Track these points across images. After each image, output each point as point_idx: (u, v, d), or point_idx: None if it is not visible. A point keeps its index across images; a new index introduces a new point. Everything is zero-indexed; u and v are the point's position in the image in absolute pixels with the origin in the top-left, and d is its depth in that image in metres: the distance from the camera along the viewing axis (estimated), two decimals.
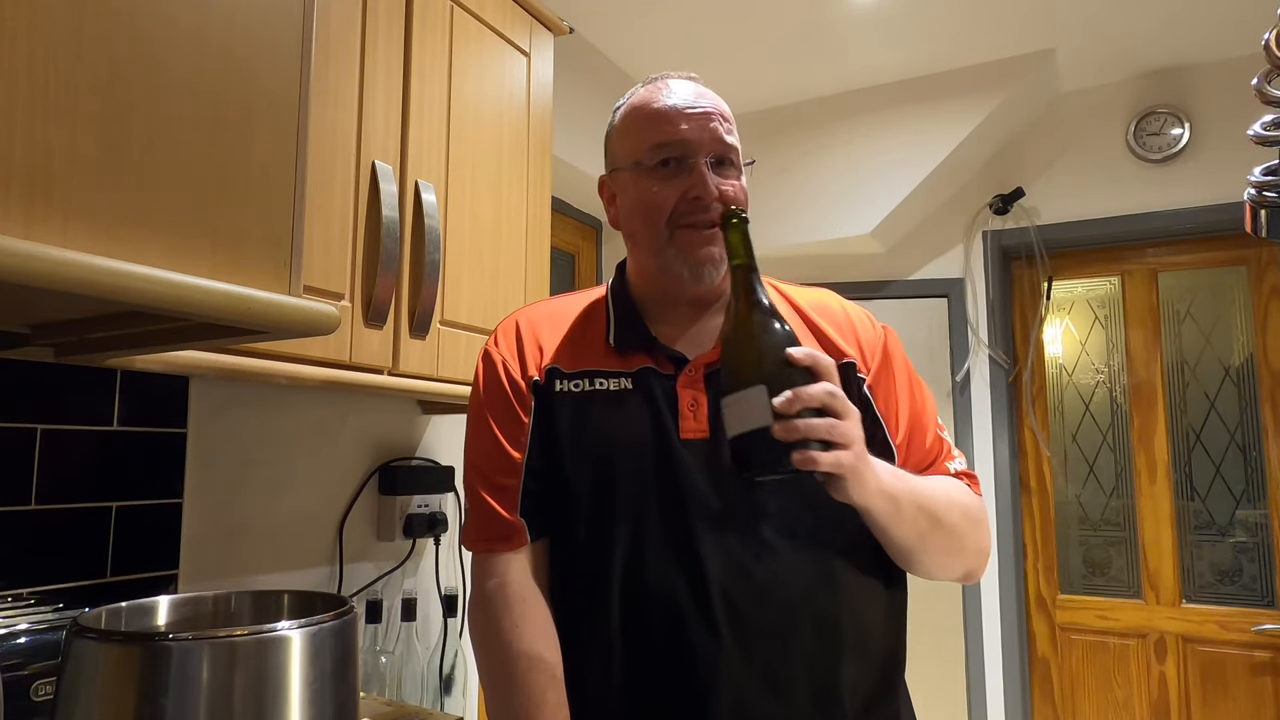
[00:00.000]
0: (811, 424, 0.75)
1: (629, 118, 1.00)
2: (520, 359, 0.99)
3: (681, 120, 0.95)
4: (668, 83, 0.99)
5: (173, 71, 0.69)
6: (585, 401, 0.94)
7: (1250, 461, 2.56)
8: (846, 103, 2.88)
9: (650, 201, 0.95)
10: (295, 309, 0.78)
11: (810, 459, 0.75)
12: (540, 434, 0.96)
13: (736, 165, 0.97)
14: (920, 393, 1.02)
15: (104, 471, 1.14)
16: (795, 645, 0.87)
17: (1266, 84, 0.77)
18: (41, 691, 0.86)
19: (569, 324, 1.01)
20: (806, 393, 0.76)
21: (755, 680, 0.85)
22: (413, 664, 1.47)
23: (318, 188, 1.09)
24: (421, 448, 1.68)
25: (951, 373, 2.86)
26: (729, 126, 0.97)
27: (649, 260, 0.99)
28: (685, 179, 0.94)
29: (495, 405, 0.99)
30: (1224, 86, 2.56)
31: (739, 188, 0.96)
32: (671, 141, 0.94)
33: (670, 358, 0.95)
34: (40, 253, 0.58)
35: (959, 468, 1.02)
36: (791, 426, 0.75)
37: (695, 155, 0.94)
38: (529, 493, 0.95)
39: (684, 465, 0.90)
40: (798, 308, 1.03)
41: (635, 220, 0.98)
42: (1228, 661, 2.50)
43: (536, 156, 1.54)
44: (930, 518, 0.90)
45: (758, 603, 0.86)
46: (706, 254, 0.94)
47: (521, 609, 0.91)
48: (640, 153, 0.97)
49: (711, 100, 0.98)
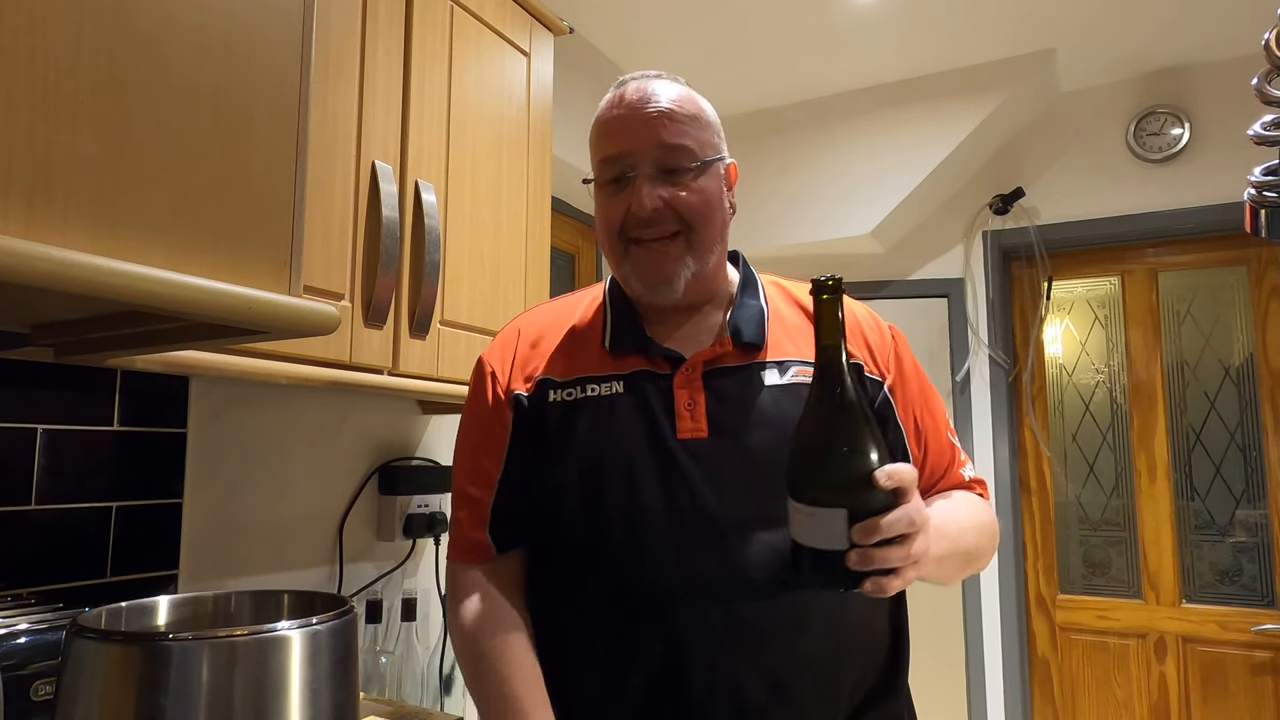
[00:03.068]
0: (889, 555, 0.72)
1: (592, 130, 0.99)
2: (509, 371, 0.98)
3: (623, 131, 0.92)
4: (624, 89, 0.95)
5: (173, 71, 0.69)
6: (576, 409, 0.93)
7: (1250, 461, 2.56)
8: (846, 103, 2.88)
9: (602, 219, 0.96)
10: (295, 309, 0.78)
11: (881, 587, 0.73)
12: (526, 446, 0.95)
13: (689, 167, 0.92)
14: (934, 398, 1.02)
15: (104, 471, 1.14)
16: (798, 645, 0.86)
17: (1266, 84, 0.77)
18: (41, 691, 0.85)
19: (567, 329, 1.00)
20: (890, 524, 0.72)
21: (757, 681, 0.84)
22: (413, 664, 1.47)
23: (318, 188, 1.09)
24: (421, 448, 1.68)
25: (951, 373, 2.86)
26: (679, 126, 0.91)
27: (616, 274, 0.99)
28: (629, 193, 0.92)
29: (476, 417, 0.99)
30: (1224, 86, 2.56)
31: (693, 191, 0.92)
32: (611, 156, 0.93)
33: (666, 357, 0.94)
34: (40, 253, 0.58)
35: (971, 475, 1.02)
36: (868, 557, 0.72)
37: (637, 166, 0.91)
38: (502, 505, 0.95)
39: (681, 465, 0.88)
40: (800, 304, 1.02)
41: (600, 236, 0.98)
42: (1228, 661, 2.50)
43: (536, 156, 1.54)
44: (965, 557, 0.90)
45: (759, 603, 0.86)
46: (659, 273, 0.92)
47: (491, 613, 0.92)
48: (594, 168, 0.97)
49: (665, 99, 0.92)
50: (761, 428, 0.90)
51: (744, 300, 0.99)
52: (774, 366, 0.94)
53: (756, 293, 1.01)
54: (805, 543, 0.75)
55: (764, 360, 0.94)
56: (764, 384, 0.92)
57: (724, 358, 0.94)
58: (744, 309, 0.98)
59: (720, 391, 0.92)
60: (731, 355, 0.94)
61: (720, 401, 0.91)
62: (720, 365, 0.93)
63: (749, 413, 0.91)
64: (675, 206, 0.91)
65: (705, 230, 0.93)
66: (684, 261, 0.93)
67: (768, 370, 0.93)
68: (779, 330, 0.97)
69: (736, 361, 0.94)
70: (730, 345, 0.94)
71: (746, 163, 2.99)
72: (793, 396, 0.91)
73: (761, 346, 0.95)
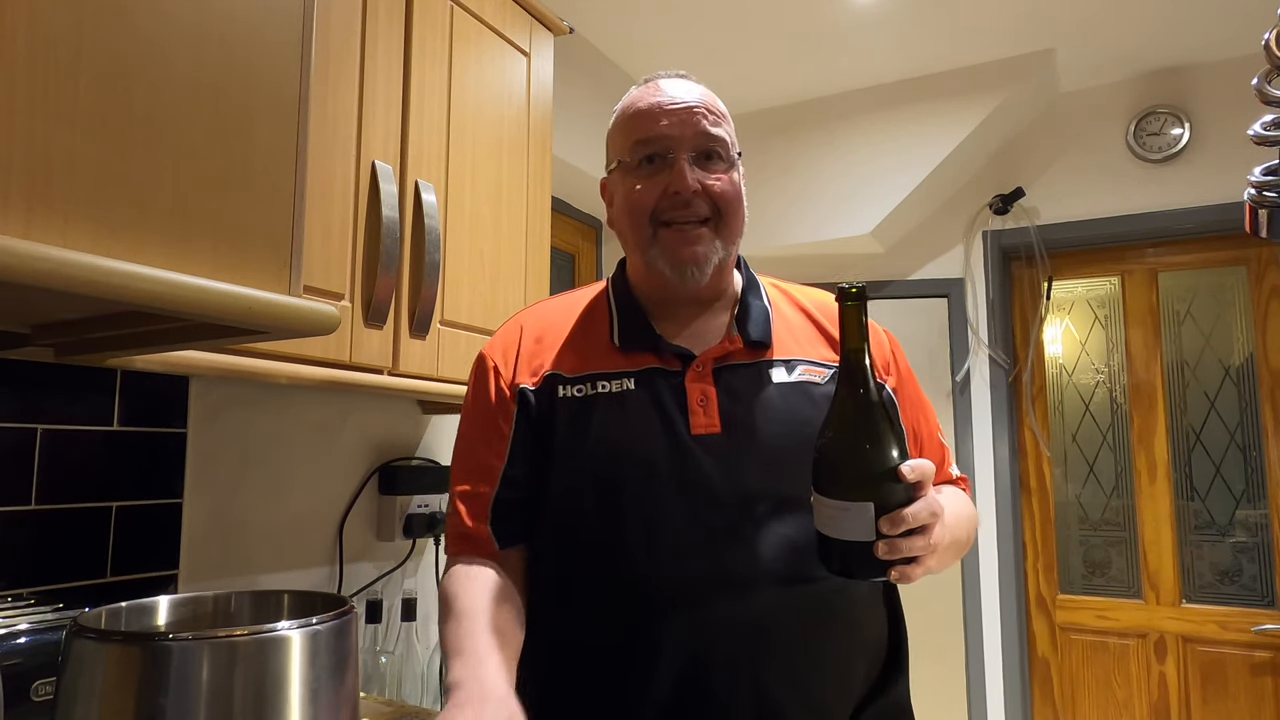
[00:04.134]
0: (913, 544, 0.76)
1: (619, 119, 1.00)
2: (514, 366, 0.98)
3: (663, 116, 0.94)
4: (657, 83, 0.99)
5: (173, 71, 0.69)
6: (588, 405, 0.93)
7: (1250, 461, 2.56)
8: (846, 103, 2.88)
9: (633, 199, 0.95)
10: (295, 309, 0.78)
11: (906, 575, 0.77)
12: (531, 443, 0.95)
13: (725, 158, 0.96)
14: (926, 400, 1.05)
15: (104, 471, 1.14)
16: (815, 639, 0.87)
17: (1266, 84, 0.77)
18: (41, 691, 0.85)
19: (572, 325, 1.00)
20: (914, 515, 0.76)
21: (779, 677, 0.85)
22: (413, 664, 1.47)
23: (318, 188, 1.09)
24: (421, 448, 1.68)
25: (951, 373, 2.86)
26: (715, 119, 0.96)
27: (637, 259, 0.99)
28: (667, 175, 0.93)
29: (478, 412, 0.98)
30: (1224, 86, 2.56)
31: (727, 181, 0.95)
32: (651, 138, 0.94)
33: (676, 354, 0.95)
34: (40, 253, 0.58)
35: (956, 473, 1.06)
36: (895, 547, 0.75)
37: (676, 151, 0.93)
38: (505, 502, 0.94)
39: (698, 461, 0.89)
40: (802, 307, 1.03)
41: (622, 219, 0.98)
42: (1228, 661, 2.50)
43: (536, 156, 1.54)
44: (958, 546, 0.93)
45: (776, 596, 0.86)
46: (690, 254, 0.93)
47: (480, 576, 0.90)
48: (625, 152, 0.97)
49: (699, 94, 0.97)
50: (773, 423, 0.91)
51: (749, 300, 1.01)
52: (781, 365, 0.95)
53: (760, 294, 1.03)
54: (834, 536, 0.78)
55: (772, 359, 0.96)
56: (772, 381, 0.94)
57: (733, 355, 0.95)
58: (750, 309, 1.00)
59: (731, 388, 0.93)
60: (740, 353, 0.95)
61: (732, 398, 0.92)
62: (730, 362, 0.95)
63: (760, 409, 0.92)
64: (710, 193, 0.93)
65: (734, 220, 0.96)
66: (713, 246, 0.95)
67: (775, 368, 0.95)
68: (783, 330, 0.99)
69: (745, 359, 0.95)
70: (740, 343, 0.96)
71: (747, 162, 2.98)
72: (800, 394, 0.93)
73: (769, 345, 0.97)
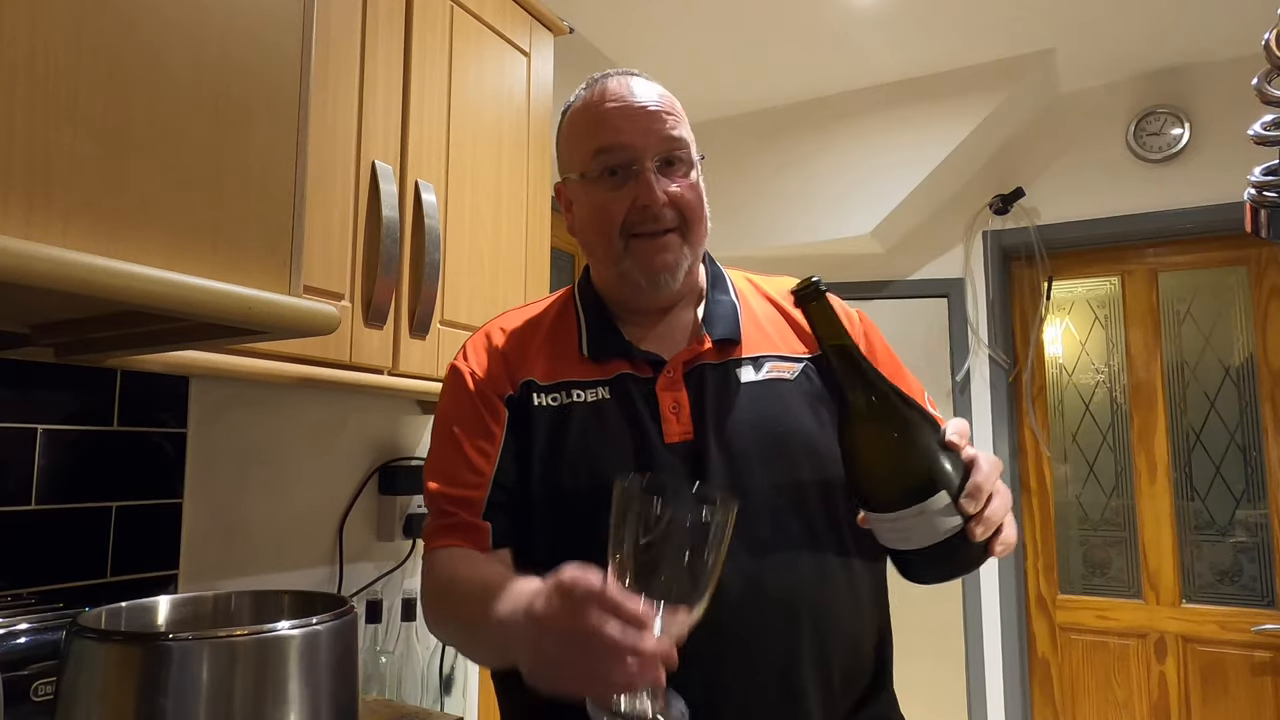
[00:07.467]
0: (995, 509, 0.72)
1: (572, 124, 0.97)
2: (491, 373, 0.96)
3: (623, 122, 0.91)
4: (606, 84, 0.95)
5: (173, 71, 0.69)
6: (564, 414, 0.92)
7: (1250, 461, 2.56)
8: (846, 103, 2.88)
9: (601, 213, 0.93)
10: (295, 309, 0.78)
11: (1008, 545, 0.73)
12: (514, 448, 0.93)
13: (686, 160, 0.93)
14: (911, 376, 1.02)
15: (104, 471, 1.14)
16: (799, 643, 0.86)
17: (1266, 84, 0.76)
18: (41, 691, 0.85)
19: (542, 332, 0.99)
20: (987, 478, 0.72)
21: (766, 680, 0.84)
22: (413, 664, 1.47)
23: (318, 188, 1.09)
24: (421, 448, 1.68)
25: (951, 373, 2.86)
26: (674, 120, 0.93)
27: (607, 270, 0.97)
28: (633, 187, 0.91)
29: (464, 418, 0.95)
30: (1224, 86, 2.56)
31: (689, 186, 0.93)
32: (612, 146, 0.91)
33: (647, 360, 0.94)
34: (40, 253, 0.58)
35: None
36: (987, 520, 0.72)
37: (640, 160, 0.91)
38: (495, 504, 0.92)
39: (672, 470, 0.88)
40: (771, 298, 1.02)
41: (589, 231, 0.96)
42: (1228, 661, 2.50)
43: (536, 156, 1.54)
44: None
45: (753, 602, 0.85)
46: (662, 262, 0.92)
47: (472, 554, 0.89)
48: (585, 162, 0.94)
49: (656, 95, 0.94)
50: (742, 424, 0.90)
51: (715, 296, 0.99)
52: (749, 363, 0.94)
53: (726, 288, 1.01)
54: (922, 544, 0.71)
55: (740, 357, 0.95)
56: (741, 381, 0.93)
57: (703, 355, 0.94)
58: (716, 305, 0.98)
59: (702, 392, 0.92)
60: (709, 353, 0.94)
61: (703, 402, 0.91)
62: (699, 364, 0.93)
63: (730, 411, 0.91)
64: (676, 203, 0.92)
65: (699, 225, 0.95)
66: (683, 253, 0.93)
67: (744, 367, 0.94)
68: (751, 325, 0.98)
69: (714, 359, 0.94)
70: (708, 342, 0.94)
71: (746, 162, 3.00)
72: (770, 393, 0.92)
73: (737, 342, 0.95)
